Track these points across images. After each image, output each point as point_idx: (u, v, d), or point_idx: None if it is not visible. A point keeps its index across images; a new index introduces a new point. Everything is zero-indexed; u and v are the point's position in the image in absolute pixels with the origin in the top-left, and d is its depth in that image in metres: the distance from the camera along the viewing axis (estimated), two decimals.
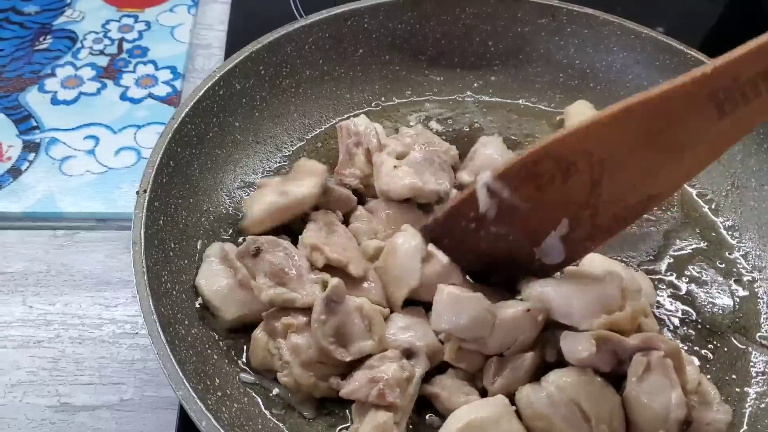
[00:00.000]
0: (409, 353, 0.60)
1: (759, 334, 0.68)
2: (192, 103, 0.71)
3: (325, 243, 0.64)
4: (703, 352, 0.66)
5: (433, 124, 0.85)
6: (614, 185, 0.57)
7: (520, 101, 0.88)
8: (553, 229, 0.60)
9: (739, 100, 0.52)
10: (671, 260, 0.73)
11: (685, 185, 0.79)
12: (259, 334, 0.61)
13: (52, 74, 0.90)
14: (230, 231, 0.72)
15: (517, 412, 0.57)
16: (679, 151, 0.55)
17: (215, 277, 0.65)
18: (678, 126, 0.54)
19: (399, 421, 0.57)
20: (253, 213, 0.68)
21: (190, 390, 0.52)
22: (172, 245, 0.65)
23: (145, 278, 0.58)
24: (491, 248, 0.63)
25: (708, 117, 0.53)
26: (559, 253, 0.61)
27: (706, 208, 0.78)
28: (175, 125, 0.69)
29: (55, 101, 0.87)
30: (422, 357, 0.60)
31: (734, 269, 0.73)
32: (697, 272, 0.72)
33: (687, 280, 0.72)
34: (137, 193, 0.63)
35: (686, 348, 0.66)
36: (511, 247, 0.62)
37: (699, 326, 0.68)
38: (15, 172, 0.79)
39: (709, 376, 0.64)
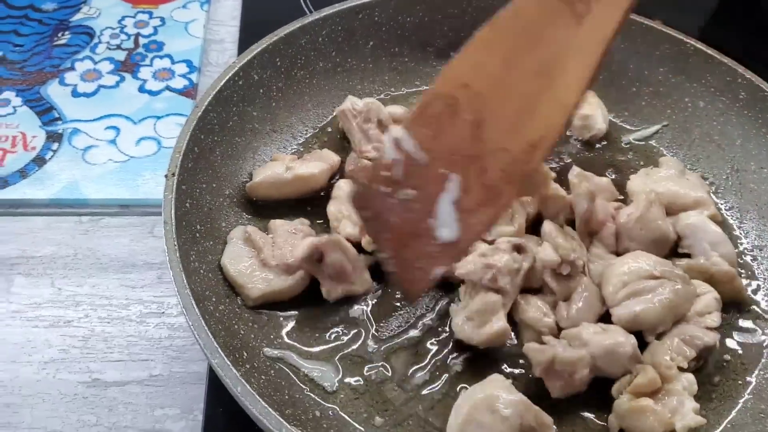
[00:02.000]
0: (519, 248, 0.66)
1: (761, 308, 0.71)
2: (214, 93, 0.74)
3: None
4: None
5: None
6: (496, 126, 0.54)
7: None
8: (444, 190, 0.55)
9: None
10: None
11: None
12: (332, 208, 0.73)
13: (72, 68, 0.93)
14: (251, 214, 0.75)
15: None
16: (547, 72, 0.53)
17: (239, 257, 0.68)
18: (540, 41, 0.53)
19: (506, 303, 0.64)
20: (256, 178, 0.75)
21: (225, 358, 0.55)
22: (198, 227, 0.68)
23: (177, 255, 0.60)
24: (399, 220, 0.58)
25: (565, 24, 0.51)
26: (452, 225, 0.55)
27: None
28: (199, 113, 0.72)
29: (75, 94, 0.90)
30: (530, 254, 0.66)
31: (736, 248, 0.76)
32: None
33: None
34: (165, 176, 0.66)
35: None
36: (414, 217, 0.57)
37: None
38: (40, 161, 0.82)
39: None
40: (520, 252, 0.66)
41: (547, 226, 0.67)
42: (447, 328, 0.67)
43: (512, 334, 0.65)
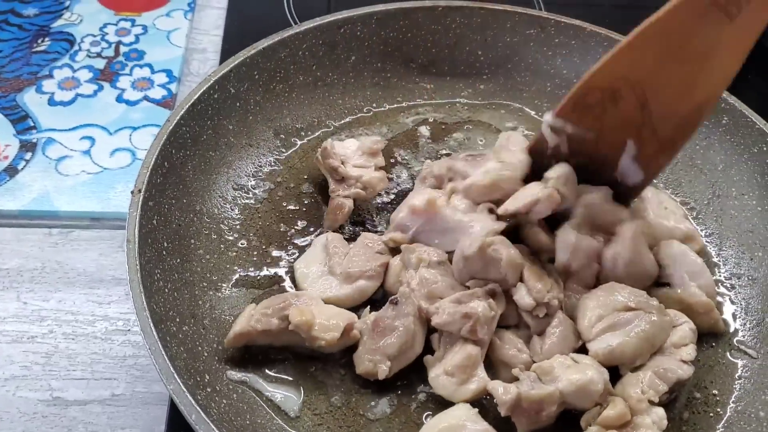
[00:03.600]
0: (492, 293, 0.64)
1: (736, 339, 0.70)
2: (187, 106, 0.73)
3: None
4: None
5: (423, 130, 0.87)
6: (660, 102, 0.63)
7: (511, 105, 0.90)
8: (623, 152, 0.66)
9: (743, 1, 0.57)
10: None
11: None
12: (395, 262, 0.69)
13: (50, 75, 0.92)
14: (224, 231, 0.73)
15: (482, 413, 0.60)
16: (704, 59, 0.60)
17: (312, 262, 0.70)
18: (693, 37, 0.59)
19: (483, 353, 0.63)
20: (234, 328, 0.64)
21: (181, 384, 0.53)
22: (165, 244, 0.67)
23: (138, 275, 0.59)
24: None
25: (718, 22, 0.58)
26: (636, 173, 0.67)
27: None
28: (170, 127, 0.70)
29: (52, 102, 0.89)
30: (502, 299, 0.65)
31: (714, 276, 0.75)
32: None
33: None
34: (132, 192, 0.65)
35: None
36: (593, 176, 0.68)
37: None
38: (12, 170, 0.81)
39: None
40: (494, 297, 0.64)
41: (525, 272, 0.65)
42: None
43: None
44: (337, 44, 0.86)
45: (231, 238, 0.73)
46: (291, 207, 0.77)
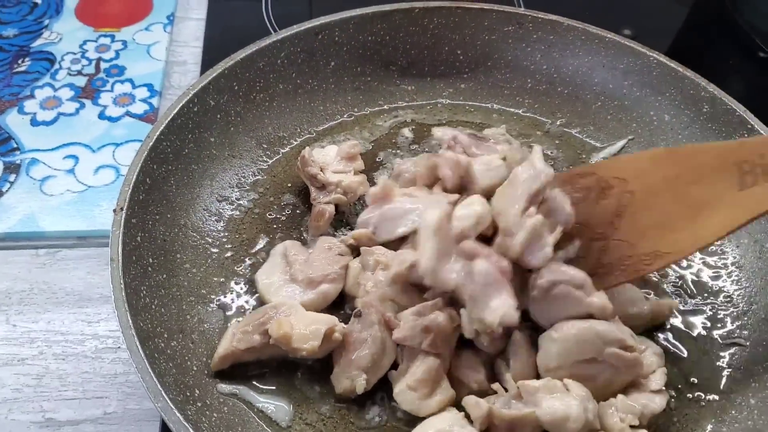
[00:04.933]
0: (453, 301, 0.63)
1: (725, 328, 0.70)
2: (167, 121, 0.73)
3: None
4: (672, 348, 0.69)
5: (405, 132, 0.87)
6: (633, 224, 0.62)
7: (490, 105, 0.91)
8: (564, 248, 0.61)
9: (760, 175, 0.57)
10: None
11: None
12: (355, 264, 0.69)
13: (31, 96, 0.92)
14: (209, 243, 0.73)
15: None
16: (698, 209, 0.60)
17: (272, 272, 0.70)
18: (703, 183, 0.60)
19: (445, 365, 0.62)
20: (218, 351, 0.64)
21: (169, 401, 0.53)
22: (151, 260, 0.67)
23: (123, 294, 0.59)
24: None
25: (730, 184, 0.58)
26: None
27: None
28: (151, 143, 0.71)
29: (34, 122, 0.89)
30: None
31: (700, 264, 0.75)
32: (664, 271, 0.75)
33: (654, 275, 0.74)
34: (114, 211, 0.65)
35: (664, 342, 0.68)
36: None
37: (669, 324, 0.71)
38: None
39: (676, 369, 0.66)
40: (454, 305, 0.62)
41: None
42: None
43: None
44: (315, 51, 0.86)
45: (216, 250, 0.73)
46: (275, 216, 0.77)
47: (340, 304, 0.69)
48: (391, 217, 0.70)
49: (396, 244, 0.69)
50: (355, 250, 0.71)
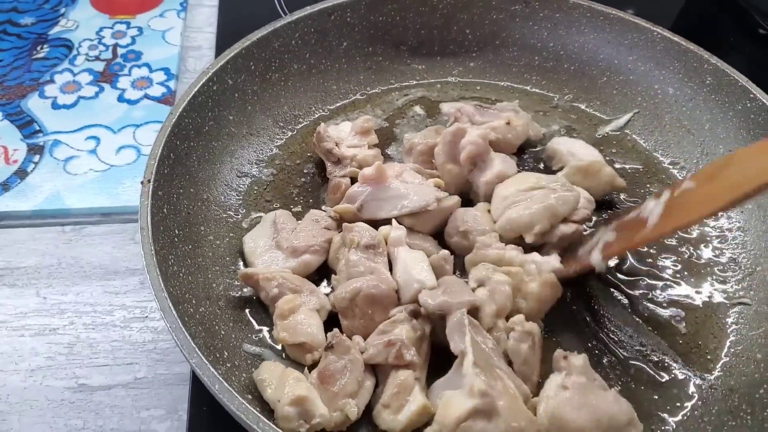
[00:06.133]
0: (415, 314, 0.64)
1: (730, 288, 0.73)
2: (188, 99, 0.75)
3: None
4: (680, 310, 0.71)
5: (417, 109, 0.89)
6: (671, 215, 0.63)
7: (499, 83, 0.93)
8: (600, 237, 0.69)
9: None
10: None
11: (658, 155, 0.84)
12: (337, 239, 0.71)
13: (51, 81, 0.94)
14: (231, 217, 0.76)
15: None
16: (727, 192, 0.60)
17: (259, 237, 0.73)
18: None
19: (419, 377, 0.61)
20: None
21: (203, 357, 0.56)
22: (177, 231, 0.69)
23: (154, 260, 0.62)
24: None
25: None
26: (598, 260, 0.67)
27: (678, 176, 0.83)
28: (174, 119, 0.73)
29: (55, 106, 0.91)
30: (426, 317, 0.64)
31: (706, 233, 0.77)
32: (671, 238, 0.77)
33: (659, 243, 0.76)
34: (141, 183, 0.67)
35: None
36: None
37: (674, 285, 0.73)
38: (22, 173, 0.83)
39: (684, 329, 0.69)
40: (418, 317, 0.64)
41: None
42: None
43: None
44: (328, 31, 0.89)
45: (237, 223, 0.76)
46: (291, 190, 0.80)
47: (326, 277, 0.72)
48: (379, 198, 0.73)
49: (379, 223, 0.72)
50: (341, 224, 0.73)
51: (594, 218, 0.75)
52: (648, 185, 0.82)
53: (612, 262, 0.74)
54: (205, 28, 1.06)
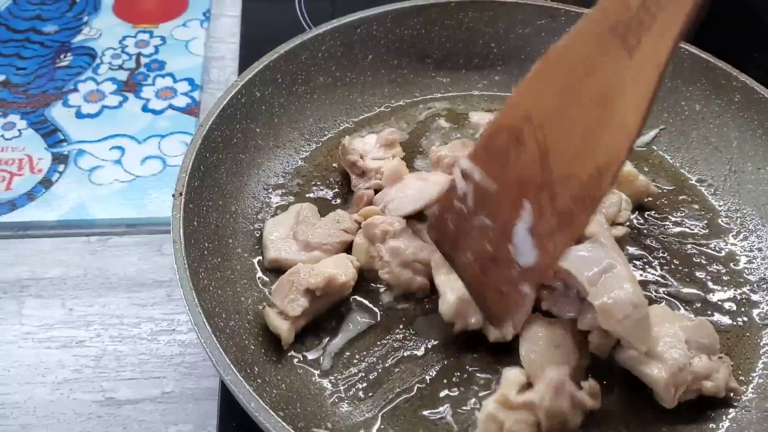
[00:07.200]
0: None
1: (761, 310, 0.72)
2: (218, 111, 0.75)
3: None
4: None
5: (442, 122, 0.89)
6: (560, 156, 0.55)
7: None
8: (519, 217, 0.57)
9: (639, 28, 0.51)
10: (673, 243, 0.77)
11: (685, 172, 0.84)
12: (359, 240, 0.72)
13: (75, 89, 0.94)
14: (258, 230, 0.76)
15: None
16: (604, 104, 0.53)
17: (279, 226, 0.75)
18: (593, 73, 0.53)
19: None
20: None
21: (237, 374, 0.55)
22: (206, 244, 0.69)
23: (187, 273, 0.61)
24: (478, 247, 0.61)
25: (618, 56, 0.52)
26: (531, 251, 0.57)
27: (706, 193, 0.82)
28: (204, 132, 0.73)
29: (79, 115, 0.91)
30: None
31: (735, 250, 0.77)
32: (698, 254, 0.77)
33: (688, 262, 0.76)
34: (173, 196, 0.67)
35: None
36: (492, 244, 0.60)
37: (706, 305, 0.72)
38: (47, 183, 0.83)
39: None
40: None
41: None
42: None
43: None
44: (354, 44, 0.89)
45: (263, 235, 0.75)
46: (317, 203, 0.79)
47: None
48: (401, 195, 0.74)
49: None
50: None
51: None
52: (676, 204, 0.81)
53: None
54: (228, 38, 1.06)
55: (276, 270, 0.72)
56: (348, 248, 0.73)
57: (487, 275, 0.61)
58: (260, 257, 0.74)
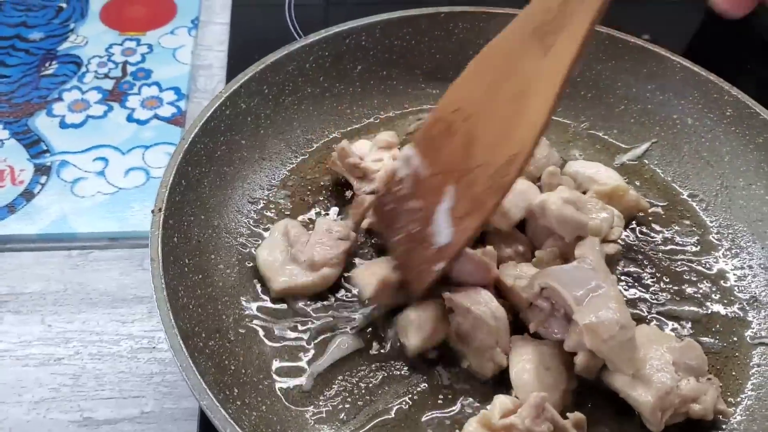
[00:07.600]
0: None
1: (752, 329, 0.71)
2: (200, 124, 0.74)
3: None
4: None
5: None
6: (483, 145, 0.62)
7: None
8: (442, 200, 0.63)
9: (556, 29, 0.57)
10: (663, 259, 0.76)
11: (677, 186, 0.83)
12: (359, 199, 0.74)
13: (60, 98, 0.93)
14: (241, 245, 0.74)
15: None
16: (520, 98, 0.59)
17: (273, 249, 0.72)
18: (515, 71, 0.60)
19: None
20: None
21: (213, 399, 0.54)
22: (187, 261, 0.68)
23: (165, 293, 0.60)
24: (407, 229, 0.66)
25: (535, 56, 0.58)
26: (446, 231, 0.63)
27: (697, 208, 0.81)
28: (186, 145, 0.71)
29: (63, 125, 0.90)
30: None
31: (726, 267, 0.76)
32: (688, 270, 0.75)
33: (679, 279, 0.75)
34: (152, 212, 0.66)
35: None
36: (418, 226, 0.65)
37: (695, 324, 0.71)
38: (28, 195, 0.82)
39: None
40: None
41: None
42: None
43: None
44: (343, 55, 0.87)
45: (248, 251, 0.74)
46: (304, 215, 0.78)
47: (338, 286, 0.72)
48: None
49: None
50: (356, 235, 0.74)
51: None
52: (667, 219, 0.80)
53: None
54: (216, 46, 1.05)
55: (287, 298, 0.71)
56: (350, 254, 0.73)
57: (410, 255, 0.66)
58: (239, 267, 0.72)
